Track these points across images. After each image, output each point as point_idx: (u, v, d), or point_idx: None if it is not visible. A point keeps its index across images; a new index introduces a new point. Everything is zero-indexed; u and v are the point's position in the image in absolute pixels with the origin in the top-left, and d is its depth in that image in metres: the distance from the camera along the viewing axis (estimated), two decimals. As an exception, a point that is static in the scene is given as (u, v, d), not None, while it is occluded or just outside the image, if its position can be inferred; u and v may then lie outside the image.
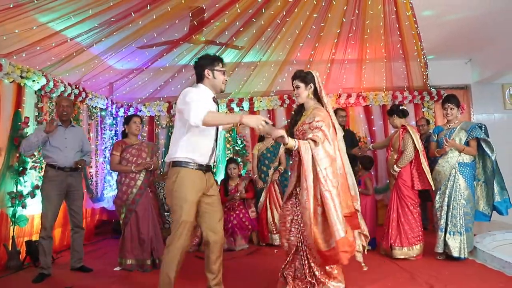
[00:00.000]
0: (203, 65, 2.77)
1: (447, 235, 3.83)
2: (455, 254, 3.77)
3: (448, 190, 3.89)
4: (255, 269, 3.47)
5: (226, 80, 2.87)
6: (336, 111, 5.19)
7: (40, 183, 4.19)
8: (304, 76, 2.99)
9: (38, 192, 4.20)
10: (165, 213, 5.61)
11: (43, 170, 4.05)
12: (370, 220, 4.42)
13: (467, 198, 3.85)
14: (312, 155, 2.73)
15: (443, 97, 6.24)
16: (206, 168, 2.75)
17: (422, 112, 6.53)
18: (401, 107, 4.33)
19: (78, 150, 4.03)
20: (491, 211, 3.99)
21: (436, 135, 4.16)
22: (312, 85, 2.99)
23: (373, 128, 6.54)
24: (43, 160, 3.98)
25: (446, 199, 3.89)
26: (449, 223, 3.84)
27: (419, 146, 4.03)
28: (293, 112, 3.25)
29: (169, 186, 2.66)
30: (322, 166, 2.72)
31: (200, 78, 2.81)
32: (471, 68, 6.73)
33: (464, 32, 5.30)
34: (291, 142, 2.72)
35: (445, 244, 3.84)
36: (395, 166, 4.13)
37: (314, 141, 2.75)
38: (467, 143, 3.90)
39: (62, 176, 3.85)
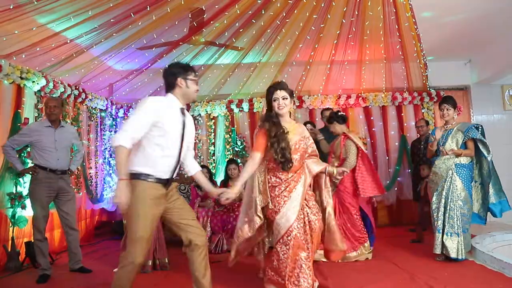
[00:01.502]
0: (175, 74, 2.58)
1: (445, 236, 3.82)
2: (453, 255, 3.77)
3: (445, 191, 3.88)
4: (254, 270, 3.46)
5: (197, 90, 2.65)
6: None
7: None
8: (290, 91, 3.05)
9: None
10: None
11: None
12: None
13: (464, 199, 3.84)
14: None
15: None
16: (167, 182, 2.54)
17: (422, 113, 6.53)
18: (339, 113, 4.30)
19: (69, 151, 4.01)
20: (485, 214, 3.97)
21: (434, 136, 4.14)
22: (293, 100, 3.12)
23: (373, 129, 6.54)
24: (32, 161, 3.88)
25: (443, 200, 3.88)
26: (446, 224, 3.83)
27: (364, 149, 4.11)
28: (270, 122, 3.00)
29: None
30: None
31: (170, 87, 2.59)
32: (470, 69, 6.74)
33: (464, 33, 5.31)
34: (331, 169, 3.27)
35: (443, 245, 3.82)
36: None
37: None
38: (464, 144, 3.90)
39: (54, 178, 3.82)
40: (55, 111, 3.89)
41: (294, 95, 3.21)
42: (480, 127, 3.95)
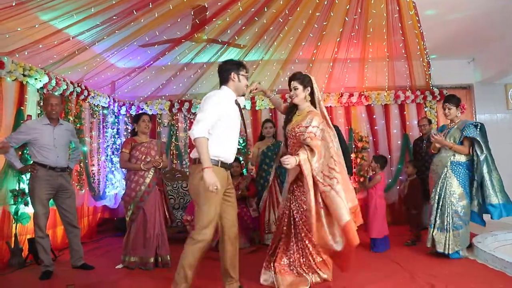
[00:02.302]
0: (230, 69, 2.96)
1: (435, 230, 3.94)
2: (439, 249, 3.87)
3: (439, 188, 3.97)
4: (255, 268, 3.47)
5: (247, 85, 3.08)
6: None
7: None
8: (302, 79, 3.21)
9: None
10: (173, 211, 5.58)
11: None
12: (381, 219, 4.44)
13: (458, 196, 3.90)
14: (310, 164, 3.01)
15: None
16: (229, 166, 3.00)
17: (425, 112, 6.51)
18: None
19: (68, 147, 4.01)
20: (481, 214, 3.97)
21: (440, 133, 4.15)
22: (309, 88, 3.22)
23: (375, 128, 6.52)
24: (31, 159, 3.87)
25: (436, 197, 3.99)
26: (437, 219, 3.95)
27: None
28: (287, 110, 3.48)
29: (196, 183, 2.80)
30: (318, 170, 3.02)
31: (225, 81, 2.98)
32: (474, 67, 6.71)
33: (467, 32, 5.28)
34: (293, 161, 2.99)
35: (433, 239, 3.94)
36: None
37: (311, 150, 3.03)
38: (461, 142, 3.93)
39: (54, 176, 3.82)
40: (56, 109, 3.89)
41: (312, 82, 3.27)
42: (479, 125, 3.95)
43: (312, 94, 3.26)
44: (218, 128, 2.81)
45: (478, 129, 3.90)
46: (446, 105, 4.06)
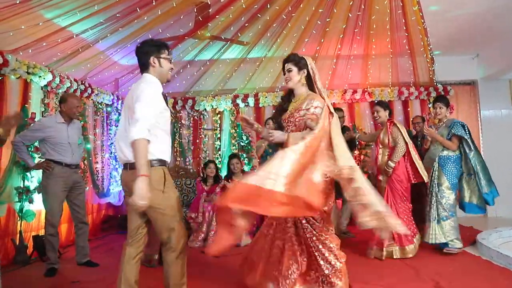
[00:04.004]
0: (148, 52, 2.42)
1: (427, 222, 4.10)
2: (425, 239, 4.04)
3: (430, 182, 4.12)
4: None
5: (172, 68, 2.52)
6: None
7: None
8: (297, 60, 2.87)
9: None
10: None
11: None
12: None
13: (444, 189, 4.04)
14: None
15: (449, 94, 6.28)
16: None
17: (428, 108, 6.48)
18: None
19: (79, 145, 4.05)
20: (483, 203, 4.11)
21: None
22: (305, 70, 2.87)
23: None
24: (42, 157, 3.88)
25: (428, 191, 4.16)
26: (428, 211, 4.11)
27: (408, 139, 4.13)
28: (281, 99, 3.11)
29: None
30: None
31: (144, 67, 2.47)
32: (478, 63, 6.67)
33: (471, 27, 5.25)
34: (280, 136, 2.65)
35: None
36: (389, 161, 4.09)
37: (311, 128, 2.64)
38: (450, 139, 4.09)
39: (69, 172, 3.85)
40: (79, 110, 3.97)
41: (308, 65, 2.90)
42: (466, 126, 4.11)
43: (309, 78, 2.88)
44: (159, 125, 2.34)
45: (465, 129, 4.05)
46: (438, 104, 4.20)
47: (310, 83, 2.90)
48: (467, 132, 4.07)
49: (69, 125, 3.91)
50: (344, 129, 5.02)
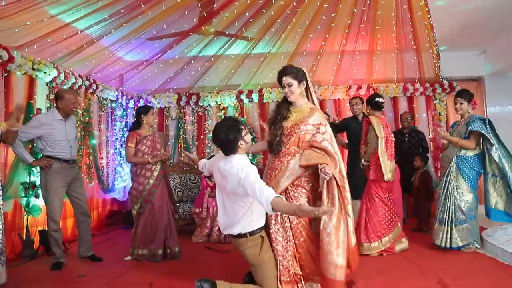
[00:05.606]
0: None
1: (437, 223, 3.99)
2: (437, 242, 3.93)
3: (444, 182, 3.97)
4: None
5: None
6: (350, 100, 5.24)
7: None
8: (296, 73, 2.84)
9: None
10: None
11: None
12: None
13: (462, 191, 3.87)
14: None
15: (455, 90, 6.22)
16: None
17: (434, 104, 6.44)
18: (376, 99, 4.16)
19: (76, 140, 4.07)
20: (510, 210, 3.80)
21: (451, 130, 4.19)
22: (304, 82, 2.88)
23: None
24: (42, 153, 3.83)
25: (441, 191, 4.00)
26: (440, 213, 3.97)
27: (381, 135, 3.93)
28: (277, 107, 3.00)
29: None
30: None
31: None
32: (484, 59, 6.60)
33: (478, 23, 5.20)
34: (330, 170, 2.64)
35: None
36: (363, 160, 4.09)
37: (329, 155, 2.74)
38: (468, 137, 3.86)
39: (67, 168, 3.86)
40: (76, 106, 3.97)
41: (306, 75, 2.89)
42: (487, 120, 3.85)
43: (307, 88, 2.92)
44: None
45: (486, 124, 3.79)
46: (458, 99, 3.98)
47: (307, 93, 2.97)
48: (488, 127, 3.75)
49: (67, 121, 3.90)
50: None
